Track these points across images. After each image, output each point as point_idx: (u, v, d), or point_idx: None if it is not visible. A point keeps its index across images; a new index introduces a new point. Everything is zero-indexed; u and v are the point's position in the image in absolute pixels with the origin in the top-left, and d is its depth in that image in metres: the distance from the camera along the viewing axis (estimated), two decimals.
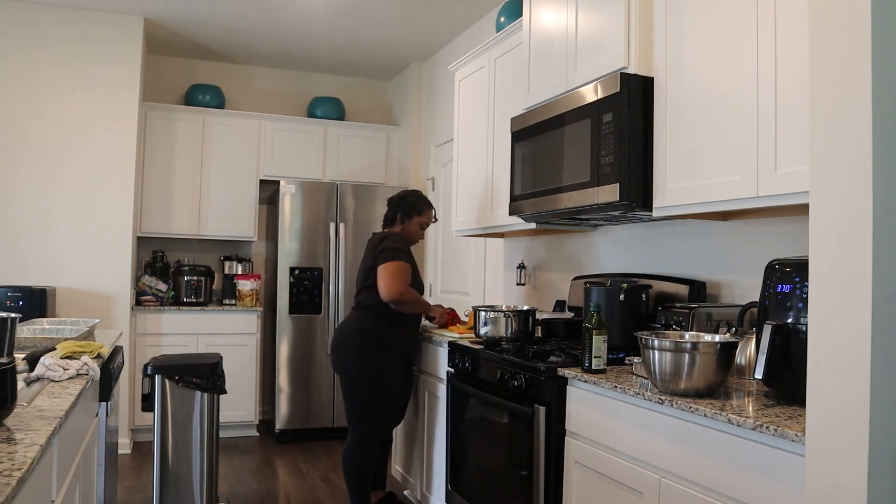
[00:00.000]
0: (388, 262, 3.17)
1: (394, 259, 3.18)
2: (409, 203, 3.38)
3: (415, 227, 3.39)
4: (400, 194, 3.45)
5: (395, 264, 3.17)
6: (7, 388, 1.36)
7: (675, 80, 2.30)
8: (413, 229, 3.39)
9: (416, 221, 3.38)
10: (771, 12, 1.94)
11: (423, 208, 3.40)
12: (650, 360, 1.89)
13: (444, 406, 3.18)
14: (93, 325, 2.88)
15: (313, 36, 5.04)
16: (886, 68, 1.33)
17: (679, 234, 2.80)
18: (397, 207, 3.39)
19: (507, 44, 3.42)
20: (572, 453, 2.26)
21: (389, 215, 3.42)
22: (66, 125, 4.58)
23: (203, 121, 5.28)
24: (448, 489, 3.08)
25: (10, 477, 1.07)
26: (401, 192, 3.48)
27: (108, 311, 4.61)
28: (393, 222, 3.40)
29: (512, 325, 2.91)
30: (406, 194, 3.43)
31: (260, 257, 5.77)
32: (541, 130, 2.84)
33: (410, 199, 3.40)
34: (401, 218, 3.37)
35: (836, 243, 1.37)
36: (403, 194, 3.44)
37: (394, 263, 3.17)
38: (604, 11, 2.57)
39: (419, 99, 5.59)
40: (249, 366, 5.12)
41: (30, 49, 4.51)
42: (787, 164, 1.87)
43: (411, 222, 3.38)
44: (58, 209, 4.55)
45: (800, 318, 1.68)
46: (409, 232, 3.38)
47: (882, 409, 1.30)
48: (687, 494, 1.76)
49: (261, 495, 3.91)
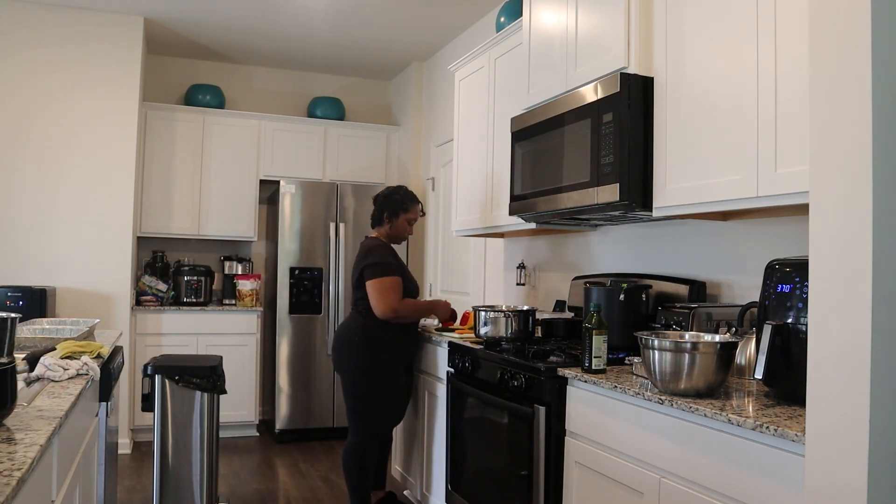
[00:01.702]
0: (375, 280, 3.18)
1: (381, 275, 3.18)
2: (395, 201, 3.38)
3: (403, 224, 3.39)
4: (385, 192, 3.44)
5: (382, 281, 3.18)
6: (7, 388, 1.36)
7: (675, 79, 2.30)
8: (401, 226, 3.39)
9: (403, 218, 3.38)
10: (771, 12, 1.94)
11: (409, 204, 3.39)
12: (650, 360, 1.89)
13: (444, 406, 3.18)
14: (93, 326, 2.88)
15: (313, 36, 5.04)
16: (886, 68, 1.33)
17: (679, 234, 2.80)
18: (383, 206, 3.39)
19: (507, 44, 3.42)
20: (572, 453, 2.26)
21: (376, 214, 3.41)
22: (66, 125, 4.58)
23: (203, 121, 5.28)
24: (448, 489, 3.08)
25: (10, 477, 1.07)
26: (386, 189, 3.47)
27: (108, 311, 4.61)
28: (381, 221, 3.39)
29: (512, 325, 2.91)
30: (391, 192, 3.42)
31: (260, 257, 5.77)
32: (541, 130, 2.84)
33: (396, 196, 3.39)
34: (388, 216, 3.37)
35: (836, 243, 1.37)
36: (388, 192, 3.43)
37: (381, 280, 3.18)
38: (604, 11, 2.57)
39: (419, 99, 5.59)
40: (249, 366, 5.12)
41: (30, 49, 4.51)
42: (787, 164, 1.87)
43: (398, 220, 3.37)
44: (58, 209, 4.55)
45: (800, 318, 1.68)
46: (397, 229, 3.38)
47: (882, 409, 1.30)
48: (687, 494, 1.76)
49: (261, 495, 3.91)
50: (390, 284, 3.19)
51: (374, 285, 3.18)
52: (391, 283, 3.19)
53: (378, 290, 3.17)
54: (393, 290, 3.19)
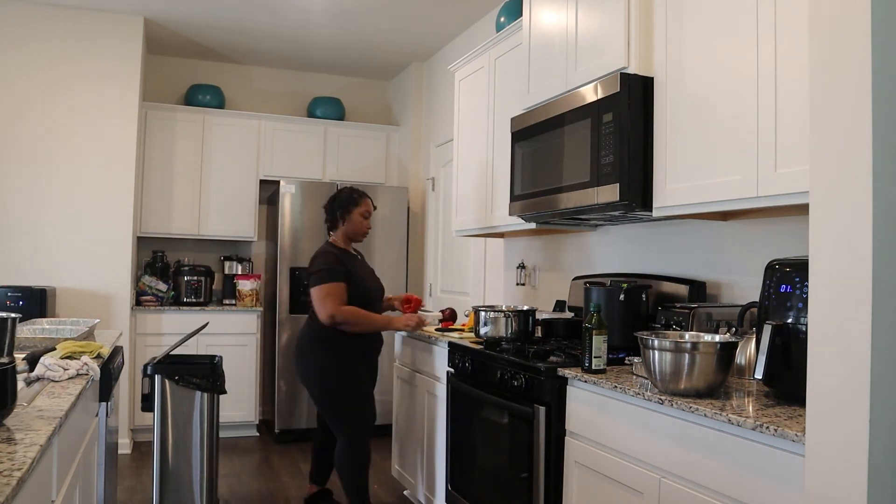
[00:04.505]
0: (316, 287, 3.21)
1: (321, 282, 3.20)
2: (342, 199, 3.41)
3: (357, 220, 3.40)
4: (331, 196, 3.48)
5: (322, 288, 3.19)
6: (7, 388, 1.36)
7: (675, 79, 2.30)
8: (356, 222, 3.40)
9: (356, 213, 3.39)
10: (771, 12, 1.94)
11: (358, 199, 3.42)
12: (650, 360, 1.89)
13: (443, 406, 3.18)
14: (93, 326, 2.88)
15: (313, 36, 5.04)
16: (886, 68, 1.33)
17: (679, 234, 2.80)
18: (333, 208, 3.42)
19: (507, 44, 3.42)
20: (572, 453, 2.26)
21: (331, 218, 3.43)
22: (66, 125, 4.58)
23: (203, 121, 5.28)
24: (448, 489, 3.07)
25: (10, 477, 1.07)
26: (331, 195, 3.51)
27: (108, 312, 4.61)
28: (335, 223, 3.41)
29: (512, 325, 2.91)
30: (336, 194, 3.47)
31: (260, 257, 5.77)
32: (541, 130, 2.84)
33: (342, 196, 3.43)
34: (340, 215, 3.39)
35: (836, 243, 1.37)
36: (334, 195, 3.48)
37: (322, 287, 3.19)
38: (604, 11, 2.57)
39: (419, 99, 5.59)
40: (249, 366, 5.12)
41: (30, 49, 4.51)
42: (787, 164, 1.87)
43: (352, 216, 3.38)
44: (58, 209, 4.55)
45: (800, 318, 1.68)
46: (353, 226, 3.39)
47: (882, 409, 1.30)
48: (687, 494, 1.76)
49: (261, 495, 3.90)
50: (329, 290, 3.19)
51: (315, 292, 3.22)
52: (331, 290, 3.19)
53: (318, 297, 3.20)
54: (332, 296, 3.18)
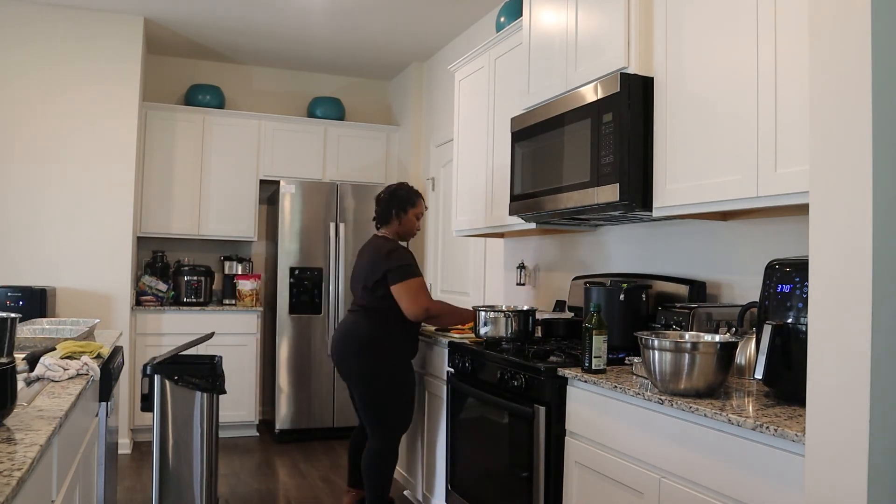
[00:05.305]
0: (402, 283, 3.13)
1: (407, 277, 3.14)
2: (402, 196, 3.32)
3: (412, 220, 3.34)
4: (389, 189, 3.37)
5: (413, 282, 3.14)
6: (7, 388, 1.36)
7: (675, 79, 2.30)
8: (410, 222, 3.34)
9: (411, 214, 3.33)
10: (771, 12, 1.94)
11: (415, 199, 3.35)
12: (650, 360, 1.89)
13: (444, 406, 3.18)
14: (93, 326, 2.88)
15: (313, 36, 5.04)
16: (886, 68, 1.33)
17: (679, 234, 2.80)
18: (390, 204, 3.32)
19: (507, 44, 3.42)
20: (572, 453, 2.26)
21: (384, 213, 3.33)
22: (66, 125, 4.58)
23: (203, 121, 5.28)
24: (448, 489, 3.08)
25: (10, 477, 1.07)
26: (388, 187, 3.40)
27: (108, 311, 4.61)
28: (388, 219, 3.32)
29: (512, 325, 2.91)
30: (395, 188, 3.36)
31: (260, 257, 5.77)
32: (541, 130, 2.83)
33: (401, 192, 3.34)
34: (396, 213, 3.31)
35: (836, 243, 1.37)
36: (393, 188, 3.36)
37: (413, 282, 3.14)
38: (604, 11, 2.57)
39: (419, 99, 5.59)
40: (249, 366, 5.12)
41: (30, 49, 4.51)
42: (787, 164, 1.87)
43: (407, 216, 3.33)
44: (58, 209, 4.55)
45: (800, 318, 1.68)
46: (406, 226, 3.34)
47: (882, 409, 1.30)
48: (687, 494, 1.76)
49: (261, 495, 3.91)
50: (421, 284, 3.17)
51: (404, 287, 3.13)
52: (421, 283, 3.17)
53: (410, 291, 3.12)
54: (424, 289, 3.17)
